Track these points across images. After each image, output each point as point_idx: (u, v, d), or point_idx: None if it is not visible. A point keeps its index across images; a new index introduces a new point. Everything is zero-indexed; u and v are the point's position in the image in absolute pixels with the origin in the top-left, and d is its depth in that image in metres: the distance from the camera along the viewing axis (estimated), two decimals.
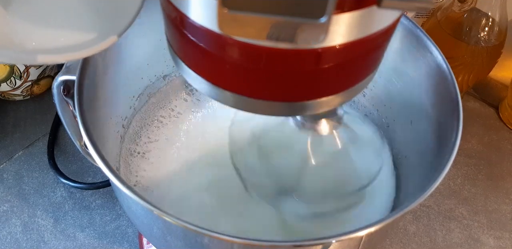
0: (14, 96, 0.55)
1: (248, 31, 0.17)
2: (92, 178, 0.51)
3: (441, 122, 0.35)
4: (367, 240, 0.30)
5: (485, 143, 0.58)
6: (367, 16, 0.18)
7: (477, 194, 0.53)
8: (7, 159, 0.52)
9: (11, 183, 0.51)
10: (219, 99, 0.23)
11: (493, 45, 0.51)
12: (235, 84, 0.22)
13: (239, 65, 0.20)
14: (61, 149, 0.53)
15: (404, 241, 0.49)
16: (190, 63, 0.23)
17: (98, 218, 0.48)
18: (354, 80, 0.22)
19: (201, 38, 0.20)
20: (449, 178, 0.54)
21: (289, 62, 0.19)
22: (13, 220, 0.48)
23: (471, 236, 0.50)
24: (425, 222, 0.51)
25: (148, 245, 0.46)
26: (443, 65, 0.35)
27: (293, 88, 0.21)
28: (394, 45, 0.38)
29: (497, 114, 0.61)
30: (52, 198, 0.50)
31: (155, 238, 0.34)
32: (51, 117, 0.55)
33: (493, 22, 0.50)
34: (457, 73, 0.47)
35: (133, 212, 0.33)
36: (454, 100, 0.33)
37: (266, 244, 0.26)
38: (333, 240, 0.26)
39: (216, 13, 0.17)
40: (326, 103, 0.22)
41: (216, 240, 0.27)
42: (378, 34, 0.20)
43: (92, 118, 0.33)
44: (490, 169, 0.55)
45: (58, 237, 0.47)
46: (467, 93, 0.63)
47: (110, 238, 0.47)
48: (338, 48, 0.19)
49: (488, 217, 0.51)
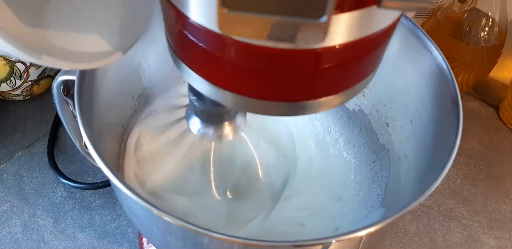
0: (14, 96, 0.55)
1: (248, 31, 0.17)
2: (92, 178, 0.51)
3: (441, 122, 0.35)
4: (367, 240, 0.30)
5: (485, 143, 0.58)
6: (367, 16, 0.18)
7: (477, 194, 0.53)
8: (7, 159, 0.52)
9: (11, 183, 0.51)
10: (219, 99, 0.23)
11: (493, 45, 0.51)
12: (235, 84, 0.22)
13: (239, 65, 0.20)
14: (61, 149, 0.53)
15: (404, 241, 0.49)
16: (190, 63, 0.23)
17: (98, 218, 0.48)
18: (354, 80, 0.22)
19: (201, 38, 0.20)
20: (449, 178, 0.54)
21: (289, 62, 0.19)
22: (13, 220, 0.48)
23: (471, 236, 0.50)
24: (425, 222, 0.51)
25: (148, 245, 0.46)
26: (443, 65, 0.35)
27: (293, 88, 0.21)
28: (394, 45, 0.38)
29: (497, 114, 0.61)
30: (52, 198, 0.50)
31: (155, 238, 0.34)
32: (51, 117, 0.55)
33: (493, 22, 0.50)
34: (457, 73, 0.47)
35: (133, 212, 0.33)
36: (454, 100, 0.33)
37: (266, 244, 0.26)
38: (333, 240, 0.26)
39: (216, 13, 0.17)
40: (326, 103, 0.22)
41: (216, 240, 0.27)
42: (378, 34, 0.20)
43: (92, 118, 0.33)
44: (490, 169, 0.56)
45: (58, 237, 0.47)
46: (467, 93, 0.63)
47: (110, 238, 0.47)
48: (338, 48, 0.19)
49: (488, 217, 0.51)
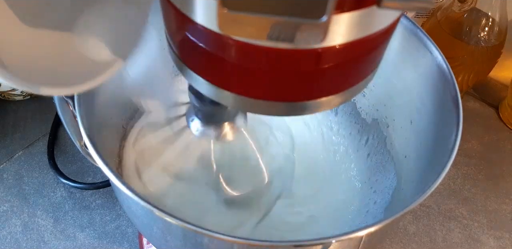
0: (14, 96, 0.55)
1: (248, 31, 0.17)
2: (92, 178, 0.51)
3: (441, 122, 0.35)
4: (367, 240, 0.30)
5: (485, 143, 0.58)
6: (367, 16, 0.18)
7: (477, 194, 0.53)
8: (7, 159, 0.52)
9: (11, 183, 0.51)
10: (219, 99, 0.23)
11: (493, 45, 0.51)
12: (235, 84, 0.22)
13: (239, 65, 0.20)
14: (61, 149, 0.53)
15: (404, 241, 0.49)
16: (190, 63, 0.23)
17: (98, 218, 0.48)
18: (354, 80, 0.22)
19: (201, 38, 0.20)
20: (449, 178, 0.54)
21: (289, 62, 0.19)
22: (13, 220, 0.48)
23: (471, 236, 0.50)
24: (425, 222, 0.51)
25: (148, 245, 0.46)
26: (443, 65, 0.35)
27: (293, 88, 0.21)
28: (394, 45, 0.38)
29: (497, 114, 0.61)
30: (52, 198, 0.50)
31: (155, 238, 0.34)
32: (51, 117, 0.55)
33: (493, 22, 0.50)
34: (457, 73, 0.47)
35: (133, 212, 0.33)
36: (454, 100, 0.33)
37: (266, 244, 0.26)
38: (333, 240, 0.26)
39: (216, 13, 0.17)
40: (326, 103, 0.22)
41: (216, 240, 0.27)
42: (378, 34, 0.20)
43: (92, 118, 0.33)
44: (490, 169, 0.55)
45: (58, 237, 0.47)
46: (467, 93, 0.63)
47: (110, 238, 0.47)
48: (338, 48, 0.19)
49: (488, 217, 0.51)
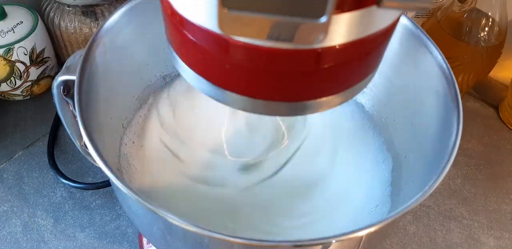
0: (14, 96, 0.55)
1: (248, 31, 0.17)
2: (92, 178, 0.51)
3: (441, 122, 0.35)
4: (367, 240, 0.30)
5: (485, 143, 0.58)
6: (367, 16, 0.18)
7: (477, 194, 0.53)
8: (7, 159, 0.52)
9: (11, 183, 0.51)
10: (219, 99, 0.23)
11: (493, 45, 0.51)
12: (235, 84, 0.22)
13: (239, 65, 0.20)
14: (61, 149, 0.53)
15: (404, 241, 0.49)
16: (189, 63, 0.23)
17: (98, 218, 0.48)
18: (354, 80, 0.22)
19: (201, 38, 0.20)
20: (449, 178, 0.54)
21: (289, 62, 0.19)
22: (13, 220, 0.48)
23: (471, 236, 0.50)
24: (425, 222, 0.51)
25: (148, 245, 0.46)
26: (443, 65, 0.35)
27: (293, 88, 0.21)
28: (394, 45, 0.38)
29: (497, 114, 0.61)
30: (52, 198, 0.50)
31: (155, 238, 0.34)
32: (51, 117, 0.55)
33: (493, 22, 0.50)
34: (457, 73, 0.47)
35: (133, 212, 0.33)
36: (454, 100, 0.33)
37: (266, 244, 0.26)
38: (333, 240, 0.26)
39: (216, 13, 0.17)
40: (326, 103, 0.22)
41: (216, 240, 0.27)
42: (378, 34, 0.20)
43: (92, 118, 0.33)
44: (490, 169, 0.56)
45: (58, 237, 0.47)
46: (467, 93, 0.63)
47: (110, 238, 0.47)
48: (338, 48, 0.19)
49: (488, 217, 0.51)
